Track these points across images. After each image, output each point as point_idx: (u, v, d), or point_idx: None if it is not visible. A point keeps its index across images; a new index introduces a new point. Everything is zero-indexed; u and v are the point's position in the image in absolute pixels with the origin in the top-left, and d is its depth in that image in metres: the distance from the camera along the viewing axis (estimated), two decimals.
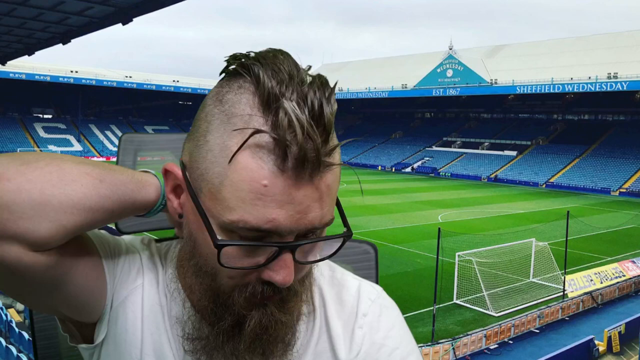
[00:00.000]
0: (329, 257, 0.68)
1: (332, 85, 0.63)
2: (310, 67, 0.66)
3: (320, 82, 0.62)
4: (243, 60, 0.64)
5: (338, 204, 0.70)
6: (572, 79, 51.96)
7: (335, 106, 0.62)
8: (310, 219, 0.62)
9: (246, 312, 0.66)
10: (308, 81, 0.62)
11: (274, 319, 0.67)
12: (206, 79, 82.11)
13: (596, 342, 12.48)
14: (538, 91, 54.82)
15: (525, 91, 55.90)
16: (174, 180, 0.70)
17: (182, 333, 0.72)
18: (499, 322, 13.40)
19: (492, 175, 55.22)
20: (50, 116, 73.71)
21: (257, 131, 0.59)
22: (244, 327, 0.67)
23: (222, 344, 0.68)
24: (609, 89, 49.09)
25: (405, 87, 66.89)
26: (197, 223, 0.65)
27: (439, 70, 62.95)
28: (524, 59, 62.44)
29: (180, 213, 0.70)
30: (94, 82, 68.67)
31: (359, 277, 0.84)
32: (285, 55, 0.64)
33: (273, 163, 0.59)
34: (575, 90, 52.28)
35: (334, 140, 0.63)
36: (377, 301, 0.79)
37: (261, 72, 0.61)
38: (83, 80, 67.67)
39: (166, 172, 0.70)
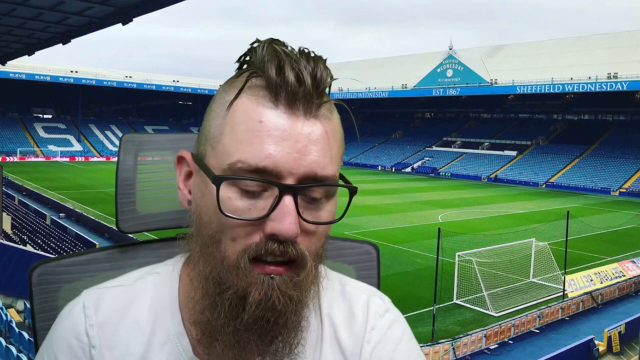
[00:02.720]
0: (339, 219, 0.67)
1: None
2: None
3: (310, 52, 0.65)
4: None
5: (343, 178, 0.69)
6: (572, 79, 51.98)
7: (329, 71, 0.65)
8: (310, 162, 0.62)
9: (250, 282, 0.62)
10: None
11: (282, 292, 0.63)
12: (206, 79, 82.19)
13: (596, 342, 12.49)
14: (538, 91, 54.85)
15: (525, 91, 55.93)
16: (185, 167, 0.71)
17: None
18: (499, 322, 13.41)
19: (492, 175, 55.23)
20: (50, 116, 73.76)
21: (252, 73, 0.63)
22: (247, 302, 0.62)
23: (222, 326, 0.64)
24: (609, 89, 49.11)
25: (405, 87, 66.92)
26: (201, 192, 0.66)
27: (439, 70, 62.98)
28: (524, 59, 62.44)
29: (189, 200, 0.70)
30: (94, 82, 68.71)
31: (367, 284, 0.83)
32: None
33: (268, 100, 0.62)
34: (575, 90, 52.31)
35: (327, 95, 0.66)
36: (386, 315, 0.78)
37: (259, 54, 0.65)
38: (83, 80, 67.72)
39: (179, 159, 0.72)
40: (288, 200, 0.61)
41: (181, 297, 0.73)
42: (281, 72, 0.61)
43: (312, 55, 0.64)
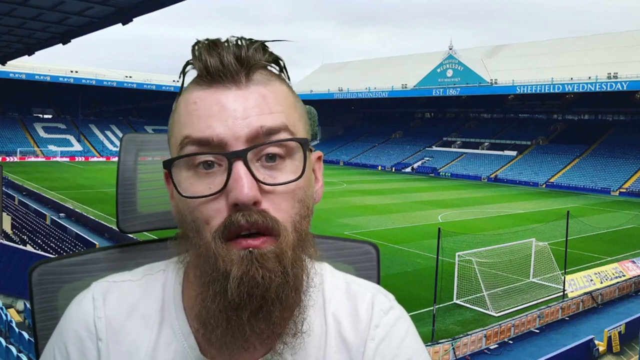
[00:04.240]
0: (298, 178, 0.66)
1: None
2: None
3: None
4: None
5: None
6: (572, 79, 51.94)
7: (262, 51, 0.68)
8: (250, 124, 0.64)
9: (232, 260, 0.63)
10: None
11: (261, 264, 0.63)
12: None
13: (596, 342, 12.50)
14: (538, 91, 54.81)
15: (525, 91, 55.90)
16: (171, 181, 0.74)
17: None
18: (499, 322, 13.41)
19: (492, 175, 55.22)
20: (50, 116, 73.74)
21: (187, 63, 0.68)
22: (229, 280, 0.62)
23: (212, 310, 0.64)
24: (609, 89, 49.08)
25: (405, 87, 66.87)
26: (172, 191, 0.70)
27: (439, 70, 62.93)
28: (524, 59, 62.40)
29: None
30: (94, 82, 68.70)
31: (373, 283, 0.83)
32: None
33: (199, 84, 0.67)
34: (575, 90, 52.29)
35: (258, 65, 0.68)
36: (390, 312, 0.78)
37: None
38: (83, 80, 67.71)
39: (165, 175, 0.73)
40: (239, 166, 0.62)
41: (185, 295, 0.73)
42: (204, 59, 0.66)
43: (244, 41, 0.67)
